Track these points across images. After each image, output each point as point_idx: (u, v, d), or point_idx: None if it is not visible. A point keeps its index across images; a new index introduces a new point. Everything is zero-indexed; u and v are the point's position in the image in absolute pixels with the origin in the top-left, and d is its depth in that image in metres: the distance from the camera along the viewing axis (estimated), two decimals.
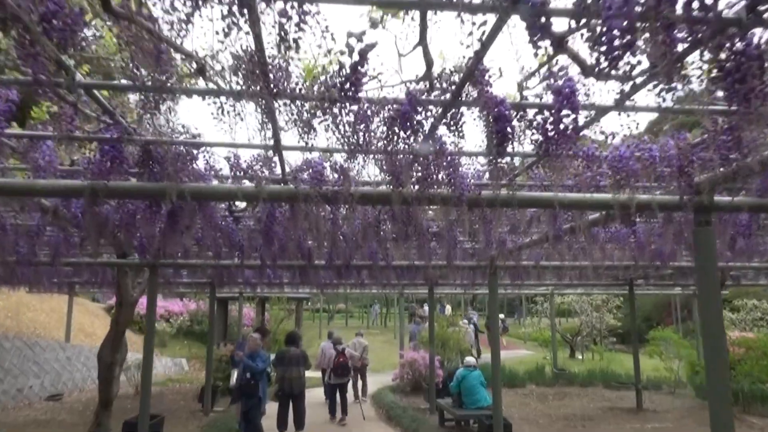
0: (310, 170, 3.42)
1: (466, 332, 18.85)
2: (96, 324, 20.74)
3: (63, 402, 13.45)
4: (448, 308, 27.52)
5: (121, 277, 7.96)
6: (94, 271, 9.27)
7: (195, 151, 3.34)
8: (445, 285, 13.81)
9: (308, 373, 9.56)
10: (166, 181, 3.30)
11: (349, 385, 12.11)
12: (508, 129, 2.55)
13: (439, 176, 3.46)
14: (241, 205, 5.01)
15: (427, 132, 2.88)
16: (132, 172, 3.66)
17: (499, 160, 2.87)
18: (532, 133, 2.69)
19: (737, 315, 24.19)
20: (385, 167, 3.41)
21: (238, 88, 2.35)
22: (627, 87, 2.45)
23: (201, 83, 2.65)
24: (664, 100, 2.32)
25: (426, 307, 26.76)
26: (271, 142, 3.27)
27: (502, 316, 25.71)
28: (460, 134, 2.79)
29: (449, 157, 3.32)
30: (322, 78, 2.47)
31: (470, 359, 10.39)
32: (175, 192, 3.20)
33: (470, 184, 3.65)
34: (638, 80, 2.36)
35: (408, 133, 2.72)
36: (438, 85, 2.55)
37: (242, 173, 3.49)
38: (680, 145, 3.13)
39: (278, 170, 3.96)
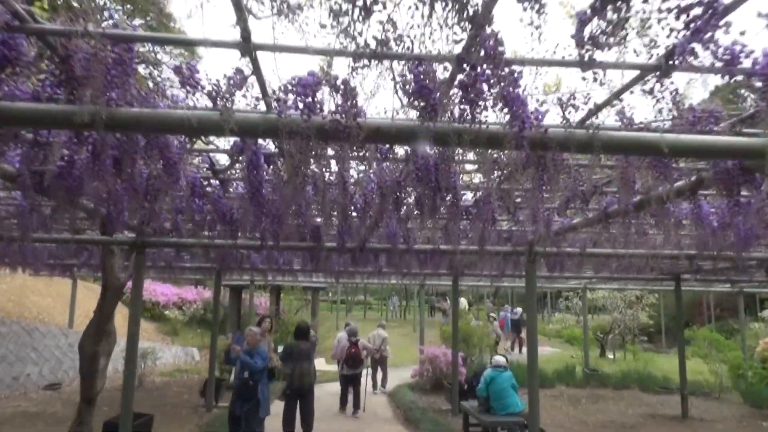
0: (299, 88, 2.31)
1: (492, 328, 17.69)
2: None
3: (61, 392, 12.66)
4: (464, 302, 25.62)
5: (107, 257, 7.01)
6: (81, 251, 8.39)
7: (129, 56, 2.26)
8: (471, 275, 12.59)
9: (325, 366, 8.67)
10: (93, 103, 2.23)
11: (367, 376, 11.65)
12: None
13: (488, 102, 2.35)
14: (224, 161, 3.95)
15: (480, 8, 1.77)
16: (58, 97, 2.60)
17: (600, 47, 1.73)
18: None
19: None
20: (409, 87, 2.30)
21: None
22: None
23: None
24: None
25: (448, 300, 25.44)
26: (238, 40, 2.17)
27: (519, 309, 24.15)
28: (541, 9, 1.66)
29: (507, 69, 2.20)
30: None
31: (500, 358, 9.22)
32: (89, 116, 2.11)
33: (533, 119, 2.54)
34: None
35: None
36: None
37: (205, 93, 2.39)
38: None
39: (262, 107, 2.88)
